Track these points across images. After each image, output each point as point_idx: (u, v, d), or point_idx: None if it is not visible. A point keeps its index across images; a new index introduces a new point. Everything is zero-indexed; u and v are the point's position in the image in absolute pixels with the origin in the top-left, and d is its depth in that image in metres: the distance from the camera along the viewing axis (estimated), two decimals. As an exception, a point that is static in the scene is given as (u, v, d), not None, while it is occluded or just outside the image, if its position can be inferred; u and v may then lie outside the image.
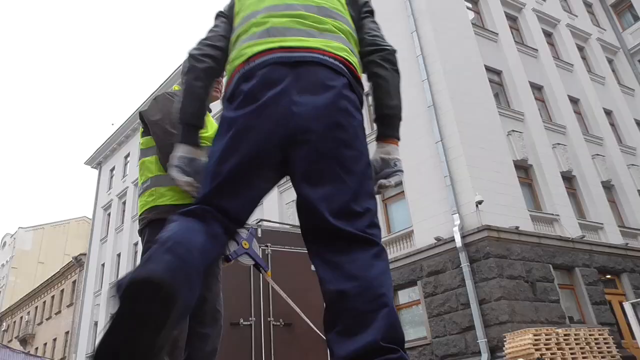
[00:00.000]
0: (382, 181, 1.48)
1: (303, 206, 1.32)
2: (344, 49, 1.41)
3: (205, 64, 1.50)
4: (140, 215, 1.98)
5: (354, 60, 1.42)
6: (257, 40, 1.40)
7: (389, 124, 1.50)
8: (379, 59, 1.50)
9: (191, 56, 1.53)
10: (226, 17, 1.60)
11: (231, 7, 1.61)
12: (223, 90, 1.50)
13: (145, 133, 2.06)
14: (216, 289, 2.02)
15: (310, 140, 1.26)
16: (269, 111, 1.27)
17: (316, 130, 1.26)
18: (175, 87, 2.22)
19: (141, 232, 1.97)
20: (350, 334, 1.17)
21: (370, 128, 8.94)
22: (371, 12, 1.63)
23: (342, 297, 1.21)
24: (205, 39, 1.56)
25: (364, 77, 1.49)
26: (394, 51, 1.55)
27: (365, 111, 1.61)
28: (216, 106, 1.93)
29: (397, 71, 1.52)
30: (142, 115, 2.06)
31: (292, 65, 1.32)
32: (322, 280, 1.27)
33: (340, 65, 1.36)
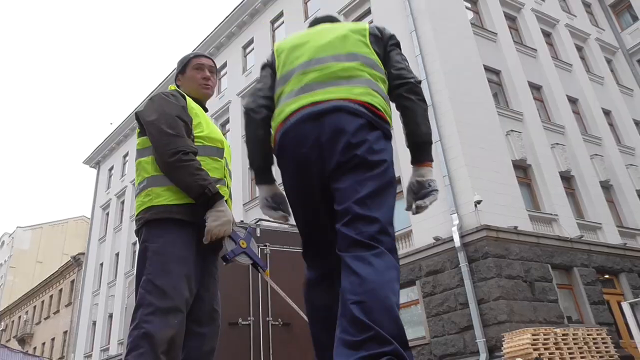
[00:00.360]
0: (419, 202, 1.76)
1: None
2: (367, 92, 1.62)
3: (261, 115, 1.77)
4: (137, 216, 1.97)
5: (376, 101, 1.62)
6: (293, 98, 1.66)
7: (420, 150, 1.72)
8: (404, 92, 1.72)
9: (248, 109, 1.81)
10: (271, 67, 1.90)
11: (272, 60, 1.90)
12: (272, 142, 1.74)
13: (141, 133, 2.04)
14: (214, 288, 2.02)
15: (338, 175, 1.53)
16: (306, 166, 1.58)
17: (341, 165, 1.52)
18: (171, 87, 2.21)
19: (138, 232, 1.97)
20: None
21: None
22: (397, 45, 1.87)
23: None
24: (258, 90, 1.85)
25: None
26: (418, 82, 1.75)
27: None
28: (211, 104, 1.95)
29: (422, 101, 1.73)
30: (138, 116, 2.05)
31: (319, 116, 1.57)
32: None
33: (361, 108, 1.57)
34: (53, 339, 32.25)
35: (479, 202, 10.96)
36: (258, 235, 5.10)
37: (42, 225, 46.56)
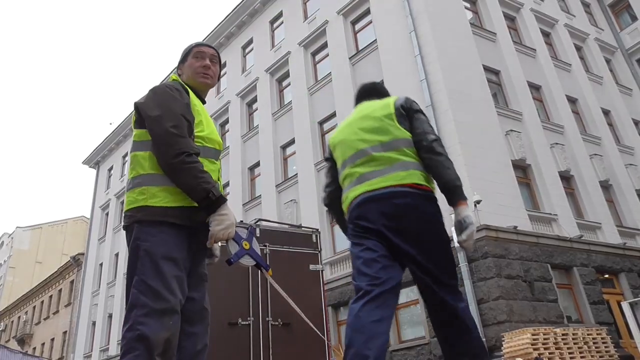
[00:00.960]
0: (459, 238, 2.19)
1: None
2: (408, 174, 2.14)
3: (336, 205, 2.44)
4: (127, 211, 1.89)
5: (415, 178, 2.14)
6: (353, 187, 2.23)
7: (450, 193, 2.20)
8: (424, 153, 2.17)
9: (324, 202, 2.54)
10: (330, 159, 2.50)
11: (330, 153, 2.50)
12: (346, 213, 2.31)
13: (139, 125, 1.95)
14: (203, 288, 1.99)
15: (395, 237, 2.09)
16: (370, 234, 2.13)
17: (400, 234, 2.09)
18: (173, 77, 2.14)
19: (127, 229, 1.89)
20: None
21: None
22: (418, 111, 2.32)
23: None
24: (325, 185, 2.53)
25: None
26: (433, 140, 2.18)
27: None
28: (211, 104, 1.93)
29: (439, 154, 2.17)
30: (139, 107, 1.95)
31: (376, 199, 2.12)
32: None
33: (407, 189, 2.12)
34: (52, 339, 32.22)
35: (478, 202, 10.96)
36: (258, 235, 5.09)
37: (41, 225, 46.54)
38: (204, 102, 2.15)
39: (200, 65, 2.12)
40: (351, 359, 1.85)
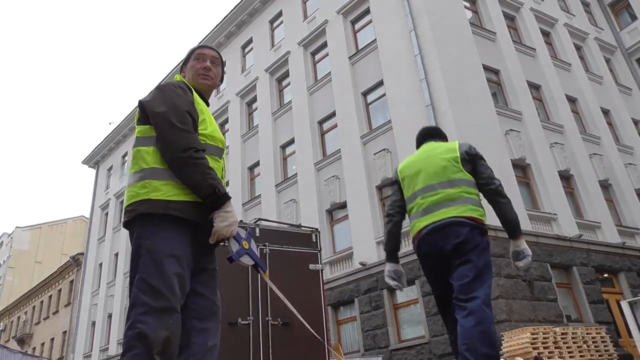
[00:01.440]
0: (517, 264, 2.78)
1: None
2: (467, 208, 2.65)
3: (397, 218, 2.93)
4: (128, 206, 1.88)
5: (473, 212, 2.65)
6: (421, 217, 2.74)
7: (511, 230, 2.75)
8: (492, 195, 2.72)
9: (389, 214, 2.95)
10: (397, 184, 2.99)
11: (397, 180, 3.00)
12: (412, 242, 2.85)
13: (142, 121, 1.96)
14: (213, 285, 1.99)
15: (453, 262, 2.60)
16: (434, 259, 2.71)
17: (458, 247, 2.59)
18: (177, 77, 2.16)
19: (128, 225, 1.89)
20: None
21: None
22: (481, 158, 2.83)
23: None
24: (393, 201, 2.96)
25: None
26: (499, 185, 2.74)
27: None
28: (211, 103, 1.94)
29: (505, 197, 2.74)
30: (144, 104, 1.97)
31: (441, 228, 2.64)
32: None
33: (466, 220, 2.62)
34: (52, 339, 32.22)
35: (478, 201, 10.96)
36: (257, 235, 5.10)
37: (41, 225, 46.53)
38: (207, 104, 2.17)
39: (201, 67, 2.15)
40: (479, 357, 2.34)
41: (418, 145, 3.15)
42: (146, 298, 1.72)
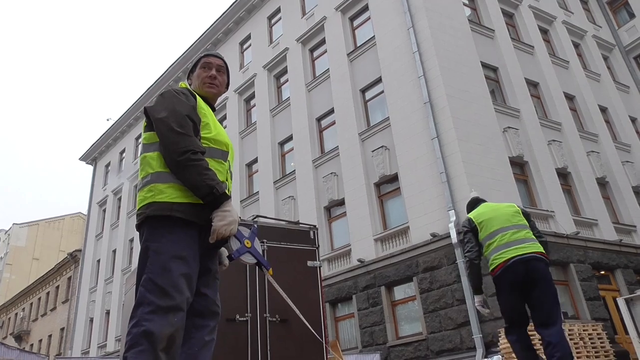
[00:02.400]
0: None
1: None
2: (539, 247, 3.61)
3: (478, 261, 3.78)
4: (138, 210, 1.99)
5: (543, 250, 3.61)
6: (505, 249, 3.57)
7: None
8: (541, 244, 3.69)
9: (472, 259, 3.79)
10: (474, 230, 3.80)
11: (473, 226, 3.81)
12: (493, 272, 3.71)
13: (148, 128, 2.05)
14: (214, 285, 2.06)
15: (536, 287, 3.56)
16: (517, 284, 3.58)
17: (538, 281, 3.53)
18: (182, 85, 2.22)
19: (139, 228, 1.98)
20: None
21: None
22: (530, 215, 3.92)
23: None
24: (472, 246, 3.80)
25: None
26: (545, 239, 3.78)
27: None
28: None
29: (546, 243, 3.76)
30: (147, 111, 2.05)
31: (525, 261, 3.50)
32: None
33: (541, 256, 3.57)
34: (50, 336, 32.21)
35: (475, 198, 10.98)
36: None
37: (38, 222, 46.43)
38: (214, 109, 2.27)
39: (207, 75, 2.25)
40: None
41: (473, 206, 4.10)
42: (152, 297, 1.78)
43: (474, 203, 4.10)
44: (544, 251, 3.60)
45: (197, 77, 2.26)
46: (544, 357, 3.51)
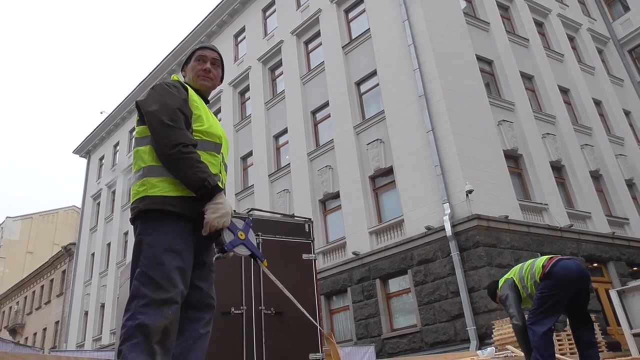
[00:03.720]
0: None
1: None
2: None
3: (524, 328, 4.14)
4: (131, 205, 1.99)
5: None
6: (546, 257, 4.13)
7: None
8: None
9: (517, 326, 4.23)
10: (513, 289, 4.35)
11: (512, 282, 4.36)
12: (539, 274, 4.11)
13: (140, 122, 2.04)
14: (209, 277, 2.06)
15: (581, 289, 4.02)
16: (575, 281, 3.95)
17: (583, 283, 3.98)
18: (174, 77, 2.20)
19: (133, 221, 1.98)
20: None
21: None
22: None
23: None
24: (520, 322, 4.22)
25: None
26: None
27: None
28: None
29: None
30: (139, 105, 2.05)
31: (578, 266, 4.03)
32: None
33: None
34: (45, 329, 32.17)
35: (470, 191, 11.02)
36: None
37: (32, 215, 46.19)
38: (207, 102, 2.26)
39: (202, 68, 2.24)
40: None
41: (495, 287, 4.66)
42: (146, 290, 1.78)
43: (495, 286, 4.66)
44: None
45: (192, 69, 2.24)
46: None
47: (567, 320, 4.21)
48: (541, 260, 4.04)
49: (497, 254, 10.88)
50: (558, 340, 7.73)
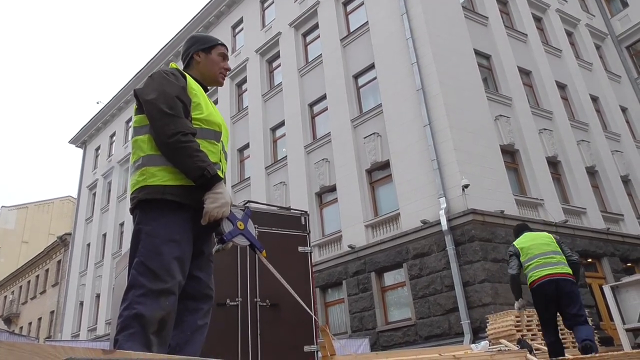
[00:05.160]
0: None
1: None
2: (568, 270, 4.78)
3: (518, 275, 4.97)
4: (131, 195, 1.97)
5: (570, 272, 4.79)
6: (540, 269, 4.79)
7: (577, 275, 4.88)
8: (572, 264, 4.85)
9: (514, 275, 4.97)
10: (517, 256, 4.98)
11: (518, 252, 4.98)
12: (529, 283, 4.89)
13: (139, 111, 2.02)
14: (208, 268, 2.05)
15: (562, 299, 4.74)
16: (549, 296, 4.75)
17: (564, 295, 4.71)
18: (172, 65, 2.17)
19: (132, 212, 1.97)
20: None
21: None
22: (564, 243, 5.18)
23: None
24: (516, 265, 4.94)
25: None
26: (577, 259, 4.99)
27: None
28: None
29: (580, 267, 5.28)
30: (137, 93, 2.02)
31: (554, 280, 4.70)
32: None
33: (569, 277, 4.75)
34: (40, 319, 32.19)
35: (466, 186, 11.04)
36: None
37: (27, 205, 46.00)
38: (206, 90, 2.22)
39: (224, 67, 2.26)
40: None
41: (519, 232, 5.28)
42: (144, 280, 1.77)
43: (519, 230, 5.36)
44: (571, 272, 4.75)
45: (215, 63, 2.21)
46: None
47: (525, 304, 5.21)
48: (533, 275, 4.83)
49: (493, 249, 10.93)
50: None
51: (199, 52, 2.23)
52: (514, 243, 5.13)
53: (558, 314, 4.80)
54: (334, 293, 13.64)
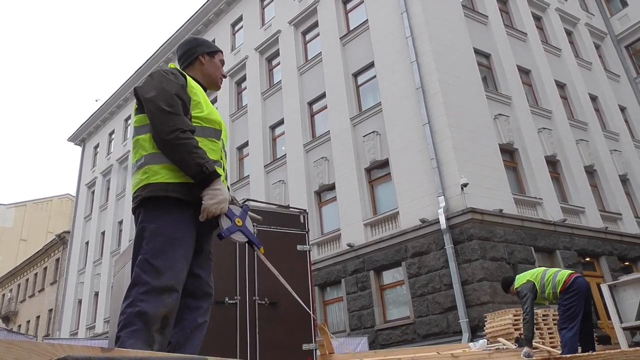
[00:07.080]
0: None
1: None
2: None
3: (533, 318, 5.53)
4: (134, 194, 1.97)
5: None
6: (562, 271, 5.46)
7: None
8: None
9: (532, 314, 5.40)
10: (531, 290, 5.47)
11: (531, 285, 5.48)
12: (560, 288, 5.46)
13: (139, 110, 2.02)
14: (208, 267, 2.06)
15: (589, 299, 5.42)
16: (584, 293, 5.36)
17: (590, 294, 5.44)
18: (172, 65, 2.18)
19: (135, 211, 1.97)
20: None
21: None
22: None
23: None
24: (533, 312, 5.42)
25: None
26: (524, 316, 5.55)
27: None
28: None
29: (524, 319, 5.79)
30: (137, 92, 2.02)
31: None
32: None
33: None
34: (38, 317, 32.17)
35: (465, 185, 11.05)
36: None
37: (25, 203, 45.94)
38: (205, 90, 2.25)
39: (222, 73, 2.35)
40: None
41: (512, 279, 5.85)
42: (147, 278, 1.78)
43: (510, 277, 5.88)
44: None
45: (216, 68, 2.28)
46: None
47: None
48: (563, 275, 5.23)
49: (491, 247, 10.94)
50: (539, 331, 7.82)
51: (205, 54, 2.27)
52: (521, 284, 5.48)
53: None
54: (333, 291, 13.65)
